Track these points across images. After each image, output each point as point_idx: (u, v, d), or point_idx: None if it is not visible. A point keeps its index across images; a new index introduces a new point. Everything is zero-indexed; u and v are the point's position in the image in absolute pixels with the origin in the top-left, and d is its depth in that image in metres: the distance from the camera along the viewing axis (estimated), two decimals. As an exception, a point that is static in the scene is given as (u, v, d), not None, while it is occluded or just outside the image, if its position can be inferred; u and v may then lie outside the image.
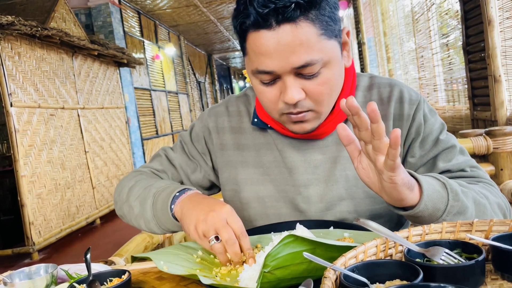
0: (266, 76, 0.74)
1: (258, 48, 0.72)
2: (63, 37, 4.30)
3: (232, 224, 0.70)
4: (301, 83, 0.74)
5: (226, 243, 0.68)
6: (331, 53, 0.74)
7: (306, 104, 0.76)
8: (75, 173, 4.74)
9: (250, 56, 0.76)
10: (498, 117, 2.65)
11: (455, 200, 0.67)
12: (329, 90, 0.76)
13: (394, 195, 0.63)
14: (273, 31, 0.69)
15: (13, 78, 3.81)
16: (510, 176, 1.24)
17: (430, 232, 0.59)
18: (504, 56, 2.60)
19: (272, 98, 0.77)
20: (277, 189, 0.89)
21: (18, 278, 0.71)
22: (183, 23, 9.30)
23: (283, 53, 0.70)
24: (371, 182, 0.67)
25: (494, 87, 2.63)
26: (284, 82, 0.74)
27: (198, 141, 0.98)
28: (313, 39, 0.70)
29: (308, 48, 0.70)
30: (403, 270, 0.51)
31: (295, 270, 0.59)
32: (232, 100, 0.99)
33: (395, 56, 5.57)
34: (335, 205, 0.85)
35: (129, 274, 0.67)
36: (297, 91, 0.73)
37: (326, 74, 0.74)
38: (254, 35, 0.72)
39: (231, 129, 0.95)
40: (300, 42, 0.70)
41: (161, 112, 8.41)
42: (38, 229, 3.93)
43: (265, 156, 0.90)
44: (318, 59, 0.71)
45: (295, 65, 0.71)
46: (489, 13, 2.56)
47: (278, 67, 0.72)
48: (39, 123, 4.12)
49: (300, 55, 0.70)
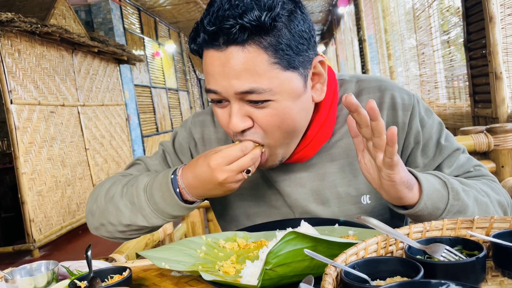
0: (214, 95, 0.71)
1: (207, 66, 0.70)
2: (63, 34, 4.29)
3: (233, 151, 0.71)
4: (249, 111, 0.70)
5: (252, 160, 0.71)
6: (285, 85, 0.68)
7: (256, 134, 0.71)
8: (76, 170, 4.74)
9: (204, 74, 0.74)
10: (499, 114, 2.64)
11: (456, 199, 0.67)
12: (280, 123, 0.70)
13: (392, 193, 0.64)
14: (221, 52, 0.66)
15: (13, 75, 3.80)
16: (511, 173, 1.23)
17: (431, 229, 0.59)
18: (506, 53, 2.59)
19: (224, 120, 0.73)
20: (268, 205, 0.86)
21: (19, 275, 0.71)
22: (183, 19, 9.28)
23: (227, 75, 0.67)
24: (371, 178, 0.67)
25: (495, 84, 2.63)
26: (230, 108, 0.70)
27: (182, 152, 0.92)
28: (262, 66, 0.66)
29: (254, 75, 0.66)
30: (404, 267, 0.51)
31: (296, 267, 0.59)
32: None
33: (396, 53, 5.55)
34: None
35: (129, 271, 0.67)
36: (241, 119, 0.70)
37: (277, 106, 0.69)
38: (205, 53, 0.70)
39: (217, 141, 0.90)
40: (245, 67, 0.65)
41: (162, 109, 8.41)
42: (39, 226, 3.93)
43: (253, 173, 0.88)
44: (266, 88, 0.66)
45: (237, 90, 0.67)
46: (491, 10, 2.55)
47: (222, 89, 0.68)
48: (39, 120, 4.12)
49: (243, 81, 0.66)
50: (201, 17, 0.69)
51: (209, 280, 0.61)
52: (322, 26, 12.53)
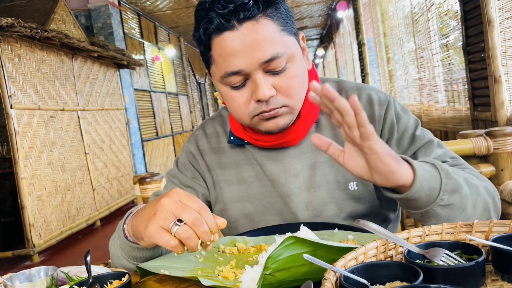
0: (235, 77, 0.76)
1: (224, 50, 0.74)
2: (63, 39, 4.31)
3: (190, 203, 0.63)
4: (271, 80, 0.76)
5: (194, 225, 0.61)
6: (294, 48, 0.77)
7: (279, 100, 0.77)
8: (75, 175, 4.74)
9: (217, 62, 0.77)
10: (498, 118, 2.65)
11: (448, 178, 0.67)
12: (298, 84, 0.78)
13: (382, 168, 0.63)
14: (236, 31, 0.73)
15: (13, 80, 3.81)
16: (510, 177, 1.23)
17: (430, 233, 0.59)
18: (504, 56, 2.60)
19: (243, 101, 0.78)
20: (262, 202, 0.89)
21: (18, 281, 0.71)
22: (183, 24, 9.31)
23: (249, 50, 0.73)
24: (359, 167, 0.67)
25: (494, 88, 2.64)
26: (254, 81, 0.75)
27: (186, 168, 0.98)
28: (275, 34, 0.74)
29: (272, 42, 0.73)
30: (403, 271, 0.51)
31: (296, 272, 0.59)
32: (208, 123, 1.00)
33: (395, 56, 5.57)
34: (322, 210, 0.86)
35: (129, 277, 0.67)
36: (268, 87, 0.75)
37: (293, 68, 0.77)
38: (218, 40, 0.74)
39: (211, 150, 0.96)
40: (263, 37, 0.73)
41: (161, 113, 8.41)
42: (39, 231, 3.92)
43: (247, 172, 0.91)
44: (283, 52, 0.74)
45: (262, 60, 0.73)
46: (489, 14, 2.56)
47: (246, 64, 0.74)
48: (39, 125, 4.12)
49: (265, 50, 0.73)
50: (206, 7, 0.74)
51: (208, 285, 0.61)
52: (321, 30, 12.57)
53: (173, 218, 0.61)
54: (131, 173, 6.30)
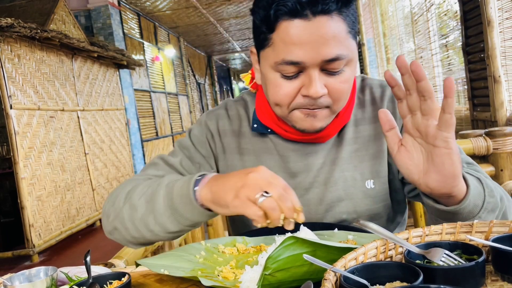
0: (291, 67, 0.73)
1: (290, 37, 0.71)
2: (63, 39, 4.30)
3: (276, 181, 0.64)
4: (324, 79, 0.74)
5: (280, 199, 0.62)
6: (354, 52, 0.75)
7: (325, 101, 0.76)
8: (75, 175, 4.74)
9: (276, 47, 0.73)
10: (498, 118, 2.65)
11: (490, 196, 0.65)
12: (348, 89, 0.77)
13: (447, 167, 0.59)
14: (308, 21, 0.69)
15: (13, 80, 3.81)
16: (510, 177, 1.23)
17: (430, 233, 0.59)
18: (504, 56, 2.60)
19: (290, 92, 0.75)
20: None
21: (18, 281, 0.71)
22: (183, 24, 9.31)
23: (316, 44, 0.70)
24: (413, 164, 0.63)
25: (493, 88, 2.64)
26: (309, 76, 0.73)
27: (201, 145, 0.94)
28: (343, 34, 0.71)
29: (339, 42, 0.71)
30: (403, 272, 0.51)
31: (296, 272, 0.59)
32: (231, 104, 0.96)
33: (395, 57, 5.56)
34: (334, 206, 0.85)
35: (129, 277, 0.67)
36: (321, 86, 0.73)
37: (348, 72, 0.75)
38: (286, 24, 0.71)
39: (232, 132, 0.93)
40: (333, 35, 0.70)
41: (161, 113, 8.41)
42: (38, 231, 3.92)
43: (266, 162, 0.89)
44: (346, 55, 0.72)
45: (325, 58, 0.71)
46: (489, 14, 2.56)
47: (308, 58, 0.71)
48: (39, 125, 4.12)
49: (331, 48, 0.70)
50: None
51: (208, 285, 0.61)
52: (321, 30, 12.56)
53: (260, 191, 0.63)
54: (131, 173, 6.29)
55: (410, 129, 0.63)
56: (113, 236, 0.83)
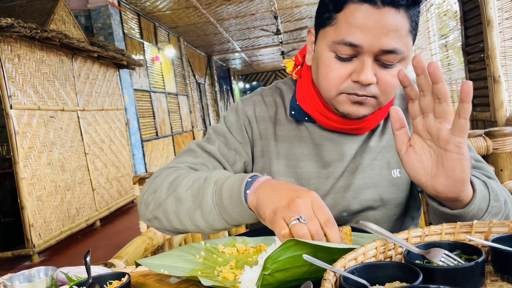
0: (348, 49, 0.74)
1: (355, 19, 0.72)
2: (63, 39, 4.30)
3: (319, 213, 0.61)
4: (376, 69, 0.75)
5: (314, 237, 0.59)
6: (410, 52, 0.76)
7: (374, 90, 0.76)
8: (75, 175, 4.74)
9: (339, 27, 0.75)
10: (497, 118, 2.65)
11: (495, 200, 0.65)
12: (396, 85, 0.77)
13: (457, 172, 0.59)
14: (376, 9, 0.71)
15: (13, 80, 3.81)
16: (510, 177, 1.24)
17: (430, 233, 0.59)
18: (504, 56, 2.60)
19: (341, 75, 0.77)
20: (308, 182, 0.89)
21: (18, 281, 0.71)
22: (183, 24, 9.31)
23: (378, 32, 0.72)
24: (421, 167, 0.63)
25: (493, 88, 2.64)
26: (363, 62, 0.74)
27: (237, 131, 0.93)
28: (404, 31, 0.73)
29: (399, 37, 0.72)
30: (402, 272, 0.51)
31: (295, 272, 0.59)
32: (266, 92, 0.98)
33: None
34: (361, 193, 0.87)
35: (128, 277, 0.67)
36: (371, 74, 0.74)
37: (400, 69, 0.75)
38: (355, 7, 0.73)
39: (269, 118, 0.94)
40: (395, 28, 0.72)
41: (161, 113, 8.41)
42: (38, 231, 3.92)
43: (299, 149, 0.90)
44: (403, 51, 0.73)
45: (383, 47, 0.72)
46: (488, 14, 2.56)
47: (368, 43, 0.72)
48: (39, 125, 4.12)
49: (391, 40, 0.72)
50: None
51: (208, 285, 0.61)
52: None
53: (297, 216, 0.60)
54: (131, 173, 6.29)
55: (420, 130, 0.63)
56: (152, 224, 0.82)
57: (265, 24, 10.13)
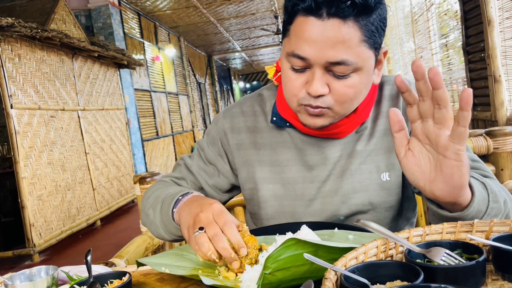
0: (298, 61, 0.74)
1: (301, 32, 0.73)
2: (63, 39, 4.31)
3: (218, 220, 0.69)
4: (328, 80, 0.74)
5: (212, 239, 0.66)
6: (366, 62, 0.74)
7: (327, 101, 0.76)
8: (76, 174, 4.74)
9: (291, 38, 0.76)
10: (498, 117, 2.65)
11: (494, 201, 0.65)
12: (353, 95, 0.76)
13: (456, 179, 0.58)
14: (322, 21, 0.70)
15: (13, 80, 3.81)
16: (510, 176, 1.23)
17: (431, 232, 0.59)
18: (504, 56, 2.60)
19: (297, 86, 0.77)
20: (294, 187, 0.89)
21: (19, 280, 0.71)
22: (183, 24, 9.31)
23: (323, 44, 0.71)
24: (420, 171, 0.62)
25: (494, 87, 2.64)
26: (313, 73, 0.74)
27: (214, 144, 0.98)
28: (355, 41, 0.71)
29: (347, 48, 0.71)
30: (403, 271, 0.51)
31: (296, 271, 0.59)
32: (247, 101, 0.99)
33: (395, 56, 5.57)
34: (350, 197, 0.86)
35: (129, 276, 0.67)
36: (321, 85, 0.74)
37: (355, 79, 0.75)
38: (302, 19, 0.73)
39: (247, 128, 0.95)
40: (342, 40, 0.70)
41: (161, 113, 8.41)
42: (39, 230, 3.93)
43: (282, 155, 0.91)
44: (353, 62, 0.72)
45: (329, 60, 0.71)
46: (489, 13, 2.56)
47: (314, 56, 0.72)
48: (39, 124, 4.12)
49: (338, 52, 0.71)
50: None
51: (209, 284, 0.61)
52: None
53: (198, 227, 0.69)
54: (131, 173, 6.30)
55: (419, 134, 0.62)
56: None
57: (266, 24, 10.14)
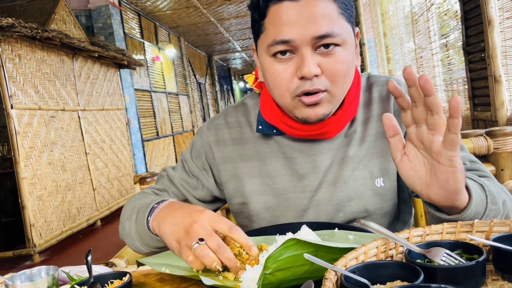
0: (282, 46, 0.74)
1: (279, 18, 0.73)
2: (64, 39, 4.31)
3: (218, 226, 0.66)
4: (318, 60, 0.74)
5: (217, 251, 0.64)
6: (349, 34, 0.75)
7: (323, 82, 0.75)
8: (76, 174, 4.74)
9: (267, 31, 0.76)
10: (498, 117, 2.65)
11: (493, 203, 0.65)
12: (345, 71, 0.75)
13: (451, 184, 0.58)
14: (296, 2, 0.72)
15: (14, 80, 3.81)
16: (510, 176, 1.23)
17: (431, 233, 0.59)
18: (504, 56, 2.60)
19: (287, 77, 0.75)
20: (286, 197, 0.87)
21: (19, 280, 0.71)
22: (183, 24, 9.31)
23: (305, 22, 0.71)
24: (416, 176, 0.62)
25: (494, 87, 2.64)
26: (302, 56, 0.73)
27: (198, 157, 0.95)
28: (333, 14, 0.73)
29: (329, 21, 0.72)
30: (403, 271, 0.51)
31: (296, 271, 0.59)
32: (230, 111, 0.96)
33: (395, 56, 5.57)
34: (344, 206, 0.84)
35: (130, 276, 0.67)
36: (314, 65, 0.73)
37: (343, 53, 0.74)
38: (276, 8, 0.73)
39: (232, 140, 0.92)
40: (322, 13, 0.71)
41: (162, 113, 8.41)
42: (39, 231, 3.93)
43: (271, 165, 0.88)
44: (339, 32, 0.72)
45: (315, 34, 0.71)
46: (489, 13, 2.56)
47: (298, 36, 0.72)
48: (39, 125, 4.12)
49: (321, 25, 0.71)
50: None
51: (209, 284, 0.61)
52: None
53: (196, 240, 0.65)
54: (132, 173, 6.30)
55: (414, 139, 0.61)
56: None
57: (266, 24, 10.12)
